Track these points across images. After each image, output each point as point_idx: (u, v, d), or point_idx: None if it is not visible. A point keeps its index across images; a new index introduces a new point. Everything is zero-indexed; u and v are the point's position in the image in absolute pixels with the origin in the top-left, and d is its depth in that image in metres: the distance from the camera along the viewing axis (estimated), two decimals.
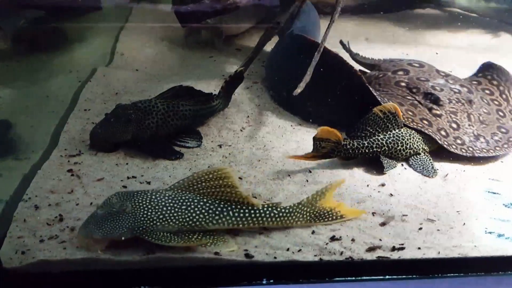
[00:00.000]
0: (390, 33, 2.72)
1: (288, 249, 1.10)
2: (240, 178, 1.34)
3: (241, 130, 1.61)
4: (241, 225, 1.12)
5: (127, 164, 1.38)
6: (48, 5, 2.15)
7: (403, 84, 1.65)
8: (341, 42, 2.16)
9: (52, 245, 1.05)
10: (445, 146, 1.45)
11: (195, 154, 1.47)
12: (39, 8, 2.17)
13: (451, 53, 2.36)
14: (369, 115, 1.44)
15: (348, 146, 1.39)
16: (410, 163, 1.45)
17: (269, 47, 2.12)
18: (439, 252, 1.11)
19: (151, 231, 1.05)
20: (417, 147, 1.46)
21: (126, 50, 2.21)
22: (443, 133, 1.48)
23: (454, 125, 1.51)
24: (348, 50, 2.14)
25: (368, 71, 2.01)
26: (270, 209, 1.13)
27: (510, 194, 1.34)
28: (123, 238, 1.03)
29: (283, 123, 1.66)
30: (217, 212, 1.10)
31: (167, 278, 1.07)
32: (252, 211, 1.12)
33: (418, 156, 1.46)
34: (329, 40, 1.85)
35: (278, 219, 1.13)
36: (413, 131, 1.48)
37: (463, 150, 1.45)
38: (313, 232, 1.15)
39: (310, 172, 1.39)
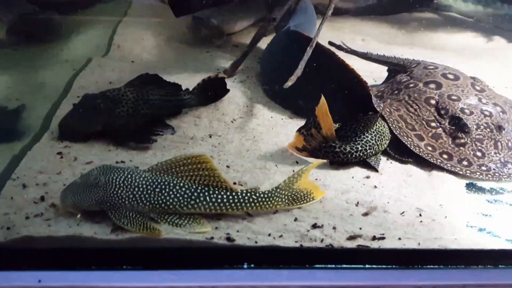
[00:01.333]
0: (387, 35, 2.75)
1: (269, 235, 1.11)
2: (227, 166, 1.36)
3: (232, 122, 1.63)
4: (218, 210, 1.13)
5: (116, 149, 1.40)
6: None
7: (432, 102, 1.55)
8: (330, 43, 2.13)
9: (37, 222, 1.08)
10: (467, 175, 1.39)
11: (185, 143, 1.49)
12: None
13: (445, 54, 2.39)
14: (365, 118, 1.43)
15: (338, 149, 1.38)
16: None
17: (265, 43, 2.16)
18: (419, 243, 1.13)
19: (117, 209, 1.07)
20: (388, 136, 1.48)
21: (123, 42, 2.24)
22: (465, 163, 1.41)
23: (479, 154, 1.44)
24: (348, 50, 2.13)
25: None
26: (249, 194, 1.14)
27: (493, 190, 1.37)
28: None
29: (274, 116, 1.69)
30: (193, 197, 1.11)
31: (148, 259, 1.08)
32: (231, 196, 1.13)
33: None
34: (326, 41, 1.89)
35: (257, 204, 1.14)
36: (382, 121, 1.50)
37: (489, 176, 1.39)
38: (295, 219, 1.17)
39: (297, 163, 1.41)
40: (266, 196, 1.15)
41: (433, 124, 1.48)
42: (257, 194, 1.15)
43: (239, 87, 1.88)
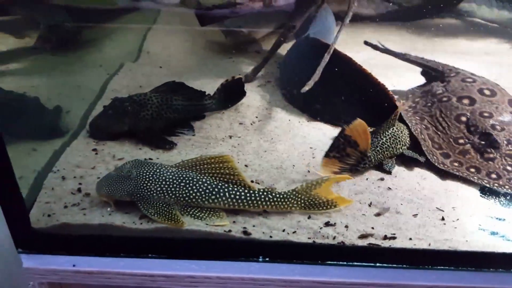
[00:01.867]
0: (408, 40, 2.76)
1: (283, 230, 1.19)
2: (246, 165, 1.45)
3: (251, 124, 1.72)
4: (236, 206, 1.21)
5: (145, 147, 1.51)
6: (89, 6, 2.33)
7: (463, 119, 1.54)
8: (366, 42, 2.17)
9: (74, 211, 1.20)
10: (495, 188, 1.39)
11: (207, 143, 1.58)
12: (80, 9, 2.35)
13: (467, 60, 2.40)
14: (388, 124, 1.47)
15: (373, 159, 1.42)
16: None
17: (285, 50, 2.23)
18: (429, 244, 1.17)
19: (146, 200, 1.17)
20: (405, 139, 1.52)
21: (152, 49, 2.37)
22: (493, 176, 1.40)
23: (509, 168, 1.42)
24: (385, 49, 2.14)
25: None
26: (265, 193, 1.22)
27: (507, 195, 1.39)
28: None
29: (291, 119, 1.76)
30: (214, 192, 1.21)
31: (173, 249, 1.18)
32: (248, 194, 1.21)
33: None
34: (345, 46, 1.94)
35: (272, 203, 1.21)
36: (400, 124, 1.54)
37: None
38: (309, 217, 1.24)
39: (308, 164, 1.48)
40: (282, 196, 1.22)
41: (461, 141, 1.48)
42: (273, 194, 1.22)
43: (259, 91, 1.96)
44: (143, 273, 1.19)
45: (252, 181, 1.37)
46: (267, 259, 1.17)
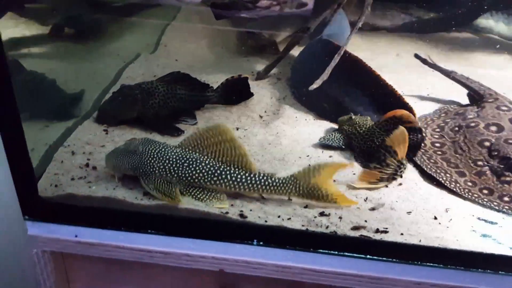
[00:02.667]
0: (422, 51, 2.77)
1: (279, 216, 1.22)
2: None
3: (259, 118, 1.76)
4: (236, 189, 1.25)
5: (153, 132, 1.57)
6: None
7: (486, 144, 1.51)
8: (416, 55, 2.17)
9: (80, 183, 1.26)
10: (504, 211, 1.35)
11: None
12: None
13: (479, 73, 2.41)
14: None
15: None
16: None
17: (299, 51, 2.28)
18: (420, 240, 1.20)
19: (148, 176, 1.22)
20: None
21: (170, 43, 2.45)
22: (506, 199, 1.37)
23: None
24: (433, 64, 2.14)
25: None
26: (265, 177, 1.25)
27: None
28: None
29: (298, 116, 1.80)
30: (216, 173, 1.25)
31: (171, 226, 1.22)
32: (249, 178, 1.25)
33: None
34: (360, 54, 1.98)
35: (271, 187, 1.25)
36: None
37: None
38: (305, 206, 1.27)
39: (310, 157, 1.52)
40: (280, 182, 1.25)
41: (479, 163, 1.45)
42: (273, 179, 1.26)
43: (270, 88, 2.01)
44: (141, 248, 1.23)
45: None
46: (261, 243, 1.21)
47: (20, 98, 1.09)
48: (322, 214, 1.24)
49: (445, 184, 1.37)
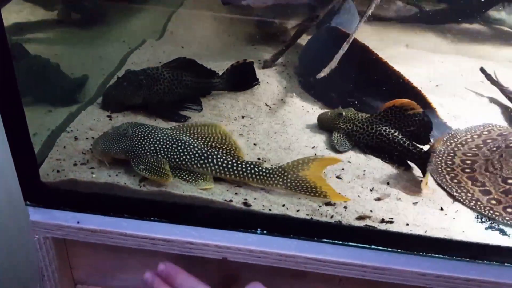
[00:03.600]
0: (432, 43, 2.74)
1: (283, 205, 1.21)
2: (254, 144, 1.47)
3: (266, 105, 1.74)
4: (222, 175, 1.24)
5: (157, 119, 1.55)
6: None
7: None
8: (482, 70, 2.11)
9: (82, 168, 1.24)
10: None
11: (219, 120, 1.61)
12: None
13: (489, 66, 2.37)
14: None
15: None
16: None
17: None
18: (426, 231, 1.18)
19: (139, 158, 1.22)
20: None
21: (176, 30, 2.42)
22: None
23: None
24: (497, 82, 2.07)
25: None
26: (252, 166, 1.23)
27: None
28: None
29: (305, 105, 1.77)
30: (203, 157, 1.24)
31: (174, 214, 1.21)
32: (235, 164, 1.23)
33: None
34: (369, 43, 1.94)
35: (257, 177, 1.23)
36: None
37: None
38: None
39: (315, 147, 1.50)
40: (267, 172, 1.23)
41: (510, 181, 1.38)
42: (259, 168, 1.23)
43: (277, 77, 1.98)
44: (144, 236, 1.23)
45: (259, 159, 1.39)
46: (265, 231, 1.19)
47: (23, 83, 1.07)
48: (327, 203, 1.23)
49: (464, 203, 1.29)
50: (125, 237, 1.24)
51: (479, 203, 1.27)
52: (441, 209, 1.26)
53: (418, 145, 1.43)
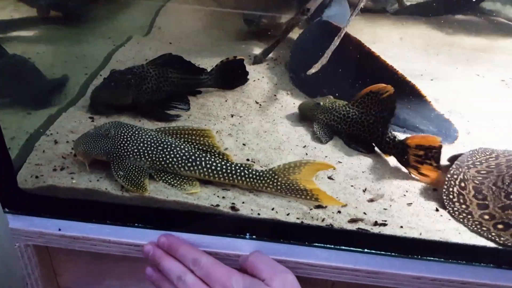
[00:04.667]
0: (426, 35, 2.69)
1: (273, 209, 1.16)
2: (243, 144, 1.42)
3: (256, 103, 1.68)
4: (211, 177, 1.18)
5: (142, 119, 1.49)
6: None
7: None
8: None
9: (62, 174, 1.18)
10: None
11: (207, 120, 1.56)
12: None
13: (484, 56, 2.33)
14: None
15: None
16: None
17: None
18: (420, 233, 1.13)
19: (120, 160, 1.15)
20: None
21: (164, 25, 2.35)
22: None
23: None
24: None
25: None
26: (241, 168, 1.18)
27: None
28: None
29: (296, 102, 1.72)
30: (190, 159, 1.18)
31: (160, 219, 1.16)
32: (224, 166, 1.18)
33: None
34: (362, 37, 1.89)
35: (247, 179, 1.18)
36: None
37: None
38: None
39: (306, 146, 1.45)
40: (257, 174, 1.18)
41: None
42: (249, 170, 1.18)
43: (267, 73, 1.92)
44: (128, 242, 1.18)
45: (248, 159, 1.34)
46: (254, 236, 1.15)
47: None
48: (318, 206, 1.18)
49: (453, 215, 1.22)
50: (109, 244, 1.19)
51: (469, 217, 1.21)
52: (436, 209, 1.21)
53: (391, 134, 1.42)
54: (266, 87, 1.81)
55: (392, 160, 1.41)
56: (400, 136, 1.42)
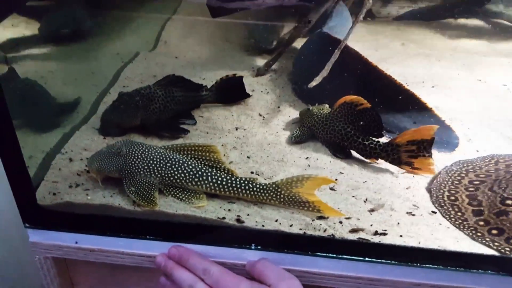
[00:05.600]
0: (429, 40, 2.72)
1: (276, 220, 1.22)
2: (248, 157, 1.48)
3: (259, 115, 1.74)
4: (217, 191, 1.25)
5: (150, 137, 1.56)
6: None
7: None
8: None
9: (78, 191, 1.26)
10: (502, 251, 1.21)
11: (213, 133, 1.62)
12: None
13: (485, 60, 2.36)
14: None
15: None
16: None
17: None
18: (419, 242, 1.18)
19: (132, 177, 1.23)
20: None
21: (170, 39, 2.42)
22: None
23: None
24: None
25: None
26: (246, 182, 1.25)
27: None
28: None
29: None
30: (197, 175, 1.25)
31: (170, 232, 1.23)
32: (229, 181, 1.25)
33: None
34: (365, 44, 1.92)
35: (252, 193, 1.24)
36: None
37: None
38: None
39: (308, 158, 1.50)
40: (261, 187, 1.25)
41: (508, 201, 1.30)
42: (254, 184, 1.25)
43: (270, 85, 1.98)
44: (141, 254, 1.24)
45: (252, 172, 1.40)
46: (259, 247, 1.20)
47: (13, 106, 1.09)
48: (320, 217, 1.23)
49: (450, 221, 1.26)
50: (123, 255, 1.26)
51: (465, 223, 1.25)
52: (433, 212, 1.26)
53: (374, 139, 1.48)
54: (269, 99, 1.86)
55: (392, 168, 1.46)
56: (383, 139, 1.48)
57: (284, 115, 1.76)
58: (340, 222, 1.22)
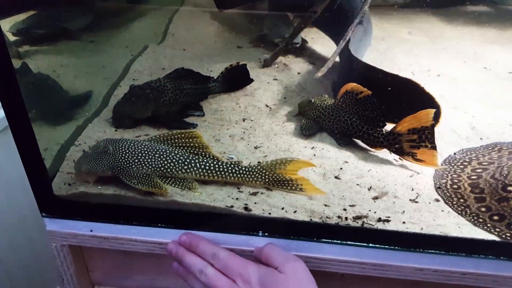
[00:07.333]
0: (435, 28, 2.71)
1: (283, 208, 1.26)
2: (255, 147, 1.52)
3: (266, 106, 1.77)
4: (206, 177, 1.31)
5: (160, 129, 1.61)
6: None
7: None
8: None
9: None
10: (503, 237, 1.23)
11: (221, 125, 1.66)
12: None
13: (492, 47, 2.35)
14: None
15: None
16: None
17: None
18: (422, 228, 1.21)
19: (126, 172, 1.27)
20: None
21: (177, 31, 2.45)
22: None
23: None
24: None
25: None
26: (232, 165, 1.31)
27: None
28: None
29: None
30: (186, 162, 1.30)
31: (180, 220, 1.27)
32: (217, 165, 1.30)
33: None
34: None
35: (238, 175, 1.30)
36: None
37: None
38: (310, 198, 1.30)
39: (314, 148, 1.53)
40: (247, 170, 1.31)
41: (510, 188, 1.30)
42: (239, 166, 1.31)
43: (277, 76, 2.01)
44: (153, 241, 1.30)
45: (259, 162, 1.44)
46: (266, 234, 1.25)
47: (28, 100, 1.13)
48: (326, 205, 1.27)
49: (452, 208, 1.28)
50: (136, 243, 1.31)
51: (467, 209, 1.28)
52: (436, 200, 1.29)
53: (378, 129, 1.50)
54: (276, 90, 1.89)
55: (397, 157, 1.48)
56: (387, 128, 1.50)
57: (290, 106, 1.79)
58: (344, 209, 1.26)
